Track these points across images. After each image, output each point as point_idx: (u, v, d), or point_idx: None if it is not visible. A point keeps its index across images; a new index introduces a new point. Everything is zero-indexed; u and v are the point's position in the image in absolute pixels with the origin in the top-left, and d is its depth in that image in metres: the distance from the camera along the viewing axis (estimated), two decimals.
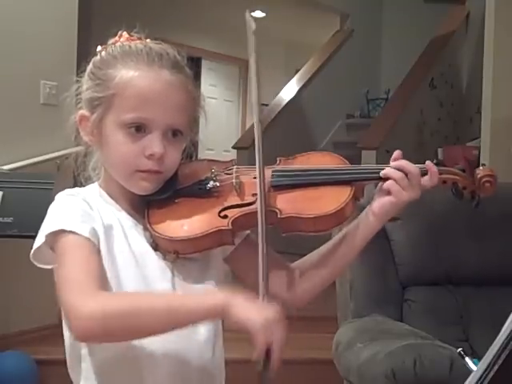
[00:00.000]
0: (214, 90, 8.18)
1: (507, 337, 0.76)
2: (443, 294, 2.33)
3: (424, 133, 5.73)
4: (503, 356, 0.76)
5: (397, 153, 1.15)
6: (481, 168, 1.18)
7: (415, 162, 1.14)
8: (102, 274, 1.05)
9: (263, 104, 8.37)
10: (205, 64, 8.00)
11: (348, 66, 6.86)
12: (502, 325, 0.79)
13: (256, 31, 1.09)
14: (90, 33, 5.12)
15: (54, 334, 3.14)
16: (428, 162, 1.14)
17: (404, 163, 1.12)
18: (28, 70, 3.37)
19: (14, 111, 3.32)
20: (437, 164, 1.17)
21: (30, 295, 3.30)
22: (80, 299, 0.98)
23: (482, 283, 2.37)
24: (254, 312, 0.95)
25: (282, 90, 6.54)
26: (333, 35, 7.11)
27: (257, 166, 1.07)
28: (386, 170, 1.12)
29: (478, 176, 1.17)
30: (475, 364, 1.26)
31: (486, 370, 0.77)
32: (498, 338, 0.78)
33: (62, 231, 1.05)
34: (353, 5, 6.99)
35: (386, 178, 1.13)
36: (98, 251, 1.07)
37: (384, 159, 1.18)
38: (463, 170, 1.18)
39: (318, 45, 7.13)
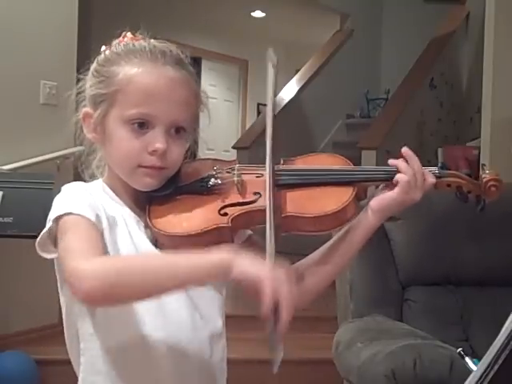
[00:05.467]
0: (213, 89, 8.17)
1: (507, 337, 0.76)
2: (443, 294, 2.33)
3: (424, 133, 5.73)
4: (503, 356, 0.76)
5: (405, 148, 1.15)
6: (487, 172, 1.17)
7: None
8: (105, 248, 1.05)
9: (263, 104, 8.40)
10: (205, 64, 7.99)
11: (348, 65, 6.86)
12: (502, 325, 0.79)
13: (276, 65, 1.12)
14: (90, 33, 5.12)
15: (53, 333, 3.16)
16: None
17: (414, 159, 1.12)
18: (28, 70, 3.37)
19: (14, 111, 3.32)
20: (441, 167, 1.17)
21: (30, 295, 3.30)
22: (81, 262, 0.97)
23: (483, 283, 2.37)
24: (261, 266, 0.93)
25: (282, 90, 6.54)
26: (333, 35, 7.12)
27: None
28: (399, 163, 1.12)
29: (484, 180, 1.16)
30: (475, 364, 1.27)
31: (485, 369, 0.77)
32: (498, 338, 0.78)
33: (70, 214, 1.05)
34: (353, 5, 6.99)
35: (389, 179, 1.13)
36: (102, 235, 1.07)
37: (384, 159, 1.17)
38: (469, 175, 1.18)
39: (318, 45, 7.13)
